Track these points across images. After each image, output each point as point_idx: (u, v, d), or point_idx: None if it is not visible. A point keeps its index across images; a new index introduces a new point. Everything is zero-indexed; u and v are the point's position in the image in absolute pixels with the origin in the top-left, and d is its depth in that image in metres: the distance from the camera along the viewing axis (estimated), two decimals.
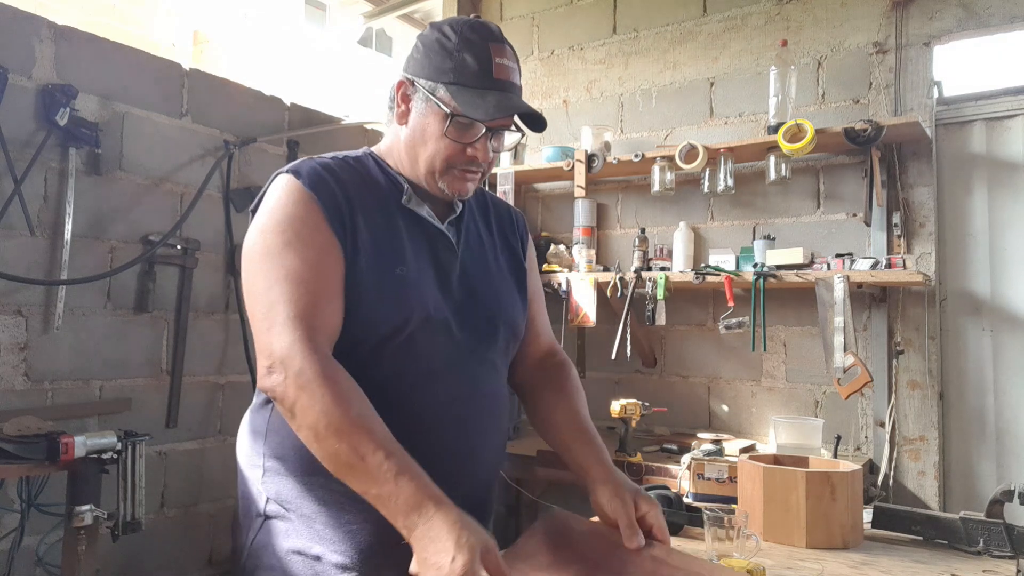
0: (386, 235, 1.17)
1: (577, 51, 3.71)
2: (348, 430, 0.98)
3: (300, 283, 1.07)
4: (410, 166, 1.22)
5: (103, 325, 2.53)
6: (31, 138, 2.33)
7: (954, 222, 2.89)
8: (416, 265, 1.17)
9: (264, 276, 1.09)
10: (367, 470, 0.97)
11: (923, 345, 2.81)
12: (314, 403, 1.00)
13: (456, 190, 1.20)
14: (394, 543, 1.07)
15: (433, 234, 1.23)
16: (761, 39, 3.21)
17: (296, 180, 1.14)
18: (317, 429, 1.00)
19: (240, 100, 2.97)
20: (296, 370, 1.02)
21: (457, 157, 1.17)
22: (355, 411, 1.00)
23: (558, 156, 3.38)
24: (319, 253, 1.10)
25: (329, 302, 1.09)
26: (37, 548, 2.30)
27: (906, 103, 2.88)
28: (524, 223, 1.45)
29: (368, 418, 1.01)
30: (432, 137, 1.17)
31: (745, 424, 3.16)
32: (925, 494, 2.79)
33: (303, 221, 1.11)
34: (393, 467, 0.96)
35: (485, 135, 1.17)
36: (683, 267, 3.12)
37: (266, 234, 1.11)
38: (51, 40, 2.41)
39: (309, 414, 1.01)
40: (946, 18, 2.83)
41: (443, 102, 1.14)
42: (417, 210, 1.22)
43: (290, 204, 1.12)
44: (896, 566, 1.37)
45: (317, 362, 1.02)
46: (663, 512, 1.57)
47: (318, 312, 1.07)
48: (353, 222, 1.14)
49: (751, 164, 3.11)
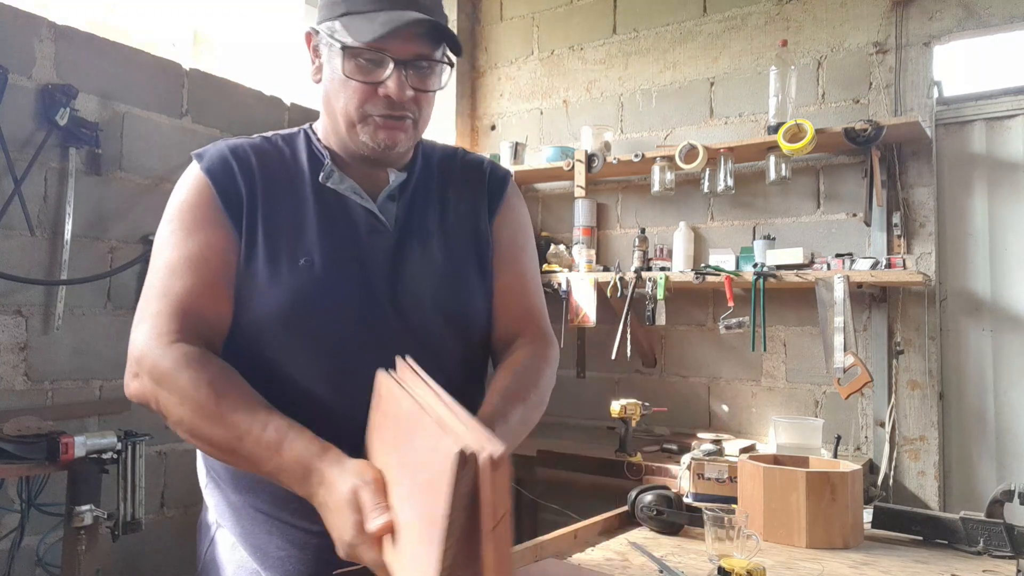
0: (292, 221, 1.05)
1: (577, 51, 3.71)
2: (217, 414, 0.89)
3: (172, 274, 0.98)
4: (333, 128, 1.09)
5: (103, 325, 2.53)
6: (31, 138, 2.33)
7: (954, 222, 2.90)
8: (329, 253, 1.04)
9: (150, 269, 1.02)
10: (249, 450, 0.87)
11: (923, 345, 2.81)
12: (174, 394, 0.91)
13: (385, 140, 1.03)
14: (326, 572, 0.96)
15: (358, 214, 1.08)
16: (761, 39, 3.21)
17: (196, 164, 1.06)
18: (185, 420, 0.92)
19: (240, 100, 2.97)
20: (150, 365, 0.94)
21: (371, 100, 1.02)
22: (220, 390, 0.91)
23: (558, 156, 3.38)
24: (203, 242, 1.00)
25: (207, 293, 0.99)
26: (37, 548, 2.30)
27: (906, 103, 2.88)
28: (503, 178, 1.22)
29: (236, 395, 0.91)
30: (339, 82, 1.03)
31: (745, 424, 3.16)
32: (925, 494, 2.79)
33: (192, 209, 1.03)
34: (272, 439, 0.86)
35: (396, 69, 1.00)
36: (683, 267, 3.12)
37: (161, 226, 1.05)
38: (51, 40, 2.41)
39: (173, 408, 0.92)
40: (946, 18, 2.83)
41: (338, 39, 1.01)
42: (339, 187, 1.07)
43: (183, 190, 1.05)
44: (896, 566, 1.37)
45: (174, 352, 0.93)
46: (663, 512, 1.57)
47: (190, 305, 0.97)
48: (252, 207, 1.04)
49: (751, 164, 3.11)
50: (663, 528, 1.58)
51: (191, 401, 0.90)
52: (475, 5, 4.03)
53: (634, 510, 1.64)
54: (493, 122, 3.97)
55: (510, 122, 3.91)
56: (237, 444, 0.88)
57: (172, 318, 0.96)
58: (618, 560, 1.41)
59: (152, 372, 0.94)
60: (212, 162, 1.06)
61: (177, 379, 0.91)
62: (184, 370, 0.91)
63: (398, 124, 1.04)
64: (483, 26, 4.03)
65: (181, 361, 0.92)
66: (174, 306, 0.97)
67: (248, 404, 0.90)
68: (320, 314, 1.02)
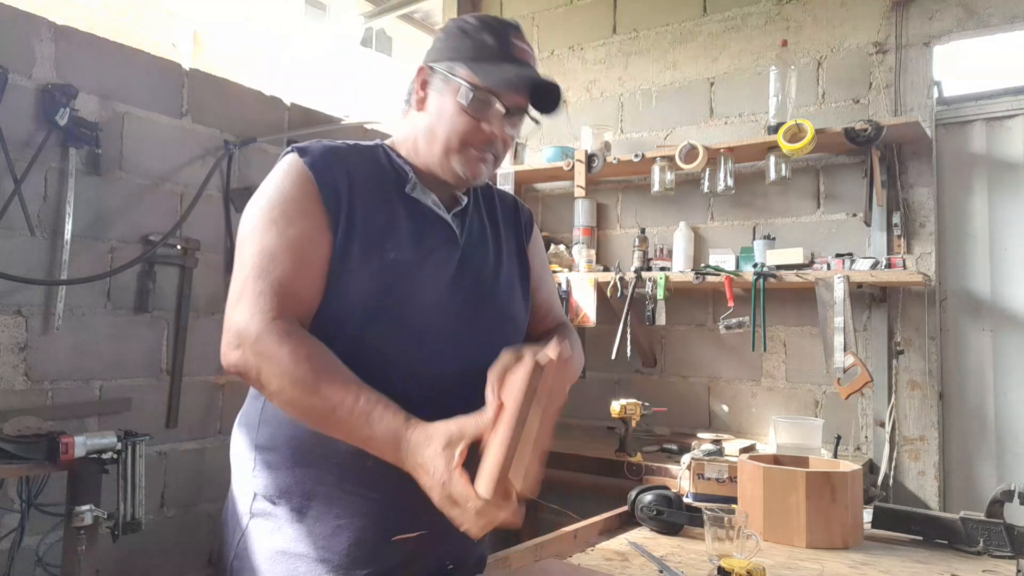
0: (384, 220, 1.16)
1: (577, 51, 3.71)
2: (314, 384, 0.99)
3: (272, 259, 1.07)
4: (426, 149, 1.21)
5: (103, 325, 2.53)
6: (31, 138, 2.33)
7: (954, 222, 2.90)
8: (414, 251, 1.16)
9: (242, 253, 1.09)
10: (341, 419, 0.98)
11: (923, 345, 2.81)
12: (275, 366, 1.00)
13: (470, 172, 1.19)
14: (383, 539, 1.09)
15: (436, 223, 1.22)
16: (761, 39, 3.21)
17: (299, 159, 1.14)
18: (284, 391, 1.01)
19: (240, 100, 2.97)
20: (253, 340, 1.02)
21: (474, 135, 1.17)
22: (317, 364, 1.00)
23: (558, 156, 3.39)
24: (302, 231, 1.09)
25: (303, 277, 1.08)
26: (37, 548, 2.30)
27: (906, 103, 2.88)
28: (529, 213, 1.44)
29: (331, 370, 1.01)
30: (449, 114, 1.17)
31: (745, 424, 3.16)
32: (925, 494, 2.79)
33: (294, 200, 1.11)
34: (364, 410, 0.97)
35: (505, 117, 1.17)
36: (683, 267, 3.12)
37: (256, 211, 1.12)
38: (51, 40, 2.41)
39: (273, 379, 1.01)
40: (946, 18, 2.83)
41: (462, 78, 1.16)
42: (422, 198, 1.21)
43: (286, 182, 1.13)
44: (896, 566, 1.38)
45: (275, 328, 1.02)
46: (663, 512, 1.57)
47: (288, 287, 1.06)
48: (351, 204, 1.13)
49: (751, 164, 3.11)
50: (663, 528, 1.59)
51: (291, 374, 0.99)
52: (475, 5, 4.03)
53: (634, 510, 1.64)
54: None
55: None
56: (331, 415, 0.98)
57: (272, 297, 1.04)
58: (618, 560, 1.41)
59: (255, 346, 1.01)
60: (315, 157, 1.14)
61: (278, 353, 1.00)
62: (285, 345, 1.00)
63: (488, 159, 1.20)
64: None
65: (283, 336, 1.01)
66: (274, 287, 1.05)
67: (343, 378, 1.00)
68: (405, 301, 1.12)
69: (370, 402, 0.97)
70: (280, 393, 1.02)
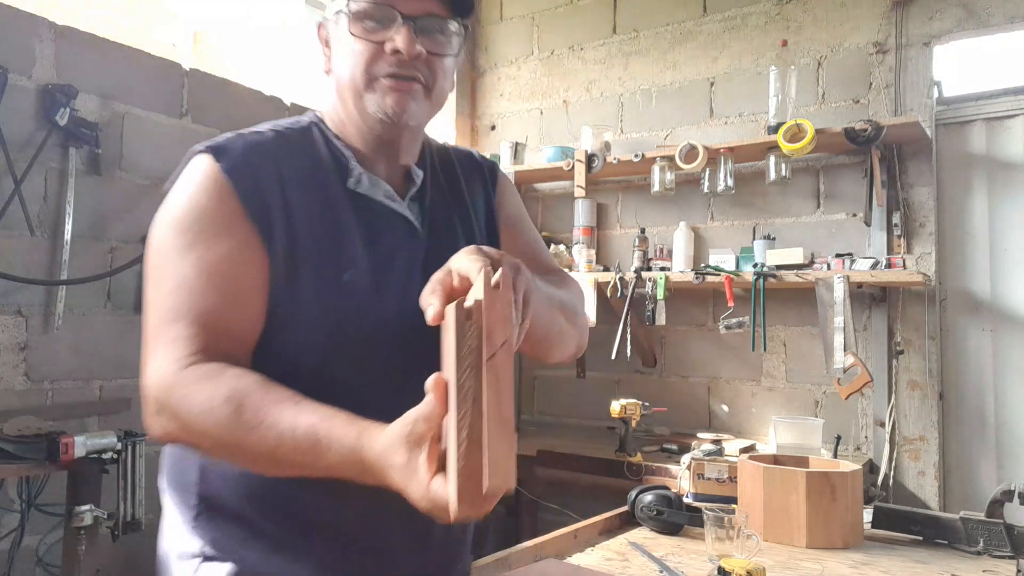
0: (330, 229, 0.96)
1: (577, 51, 3.71)
2: (241, 431, 0.80)
3: (190, 292, 0.88)
4: (344, 108, 1.02)
5: (103, 325, 2.53)
6: (31, 138, 2.33)
7: (954, 222, 2.90)
8: (371, 264, 0.97)
9: (151, 289, 0.91)
10: (288, 457, 0.78)
11: (923, 345, 2.81)
12: (196, 419, 0.82)
13: (391, 107, 0.96)
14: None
15: (391, 219, 1.01)
16: (761, 39, 3.21)
17: (214, 163, 0.94)
18: (218, 444, 0.83)
19: (240, 100, 2.97)
20: (167, 400, 0.84)
21: (377, 59, 0.95)
22: (242, 401, 0.81)
23: (558, 156, 3.38)
24: (225, 254, 0.90)
25: (232, 311, 0.90)
26: (37, 548, 2.30)
27: (906, 103, 2.88)
28: (493, 164, 1.21)
29: (257, 404, 0.80)
30: (347, 50, 0.97)
31: (745, 424, 3.16)
32: (925, 494, 2.79)
33: (212, 216, 0.91)
34: (309, 437, 0.77)
35: (405, 24, 0.95)
36: (683, 267, 3.12)
37: (166, 233, 0.92)
38: (51, 40, 2.41)
39: (202, 440, 0.84)
40: (946, 18, 2.83)
41: (344, 9, 0.97)
42: (370, 193, 1.01)
43: (200, 193, 0.93)
44: (896, 566, 1.38)
45: (187, 377, 0.84)
46: (663, 512, 1.57)
47: (213, 324, 0.88)
48: (287, 214, 0.94)
49: (751, 164, 3.11)
50: (663, 528, 1.59)
51: (215, 422, 0.81)
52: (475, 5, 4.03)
53: (634, 510, 1.64)
54: (493, 122, 3.97)
55: (510, 122, 3.91)
56: (275, 455, 0.79)
57: (190, 341, 0.86)
58: (618, 560, 1.41)
59: (172, 407, 0.84)
60: (235, 161, 0.94)
61: (196, 403, 0.82)
62: (202, 390, 0.82)
63: (407, 87, 0.96)
64: (483, 26, 4.03)
65: (198, 381, 0.83)
66: (193, 327, 0.87)
67: (271, 409, 0.80)
68: (370, 329, 0.96)
69: (313, 427, 0.77)
70: (215, 449, 0.84)
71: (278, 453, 0.78)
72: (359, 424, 0.75)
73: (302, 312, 0.93)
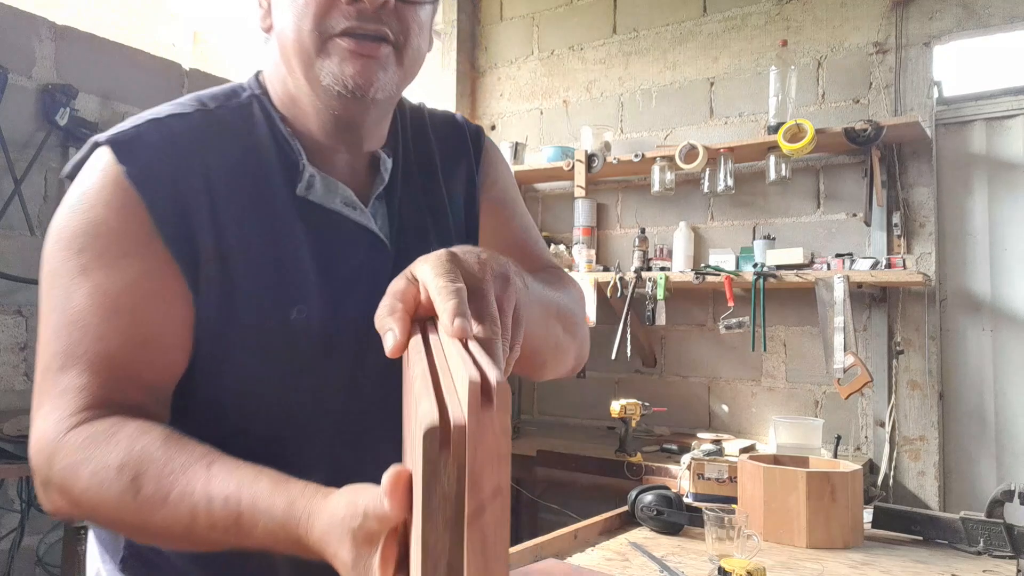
0: (275, 255, 0.76)
1: (577, 51, 3.71)
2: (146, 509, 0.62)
3: (83, 331, 0.68)
4: (292, 77, 0.80)
5: None
6: (31, 138, 2.33)
7: (954, 222, 2.90)
8: (327, 294, 0.77)
9: (44, 320, 0.71)
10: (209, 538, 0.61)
11: (923, 345, 2.81)
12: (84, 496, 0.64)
13: (352, 77, 0.73)
14: None
15: (352, 235, 0.80)
16: (761, 39, 3.21)
17: (116, 165, 0.72)
18: (126, 526, 0.66)
19: None
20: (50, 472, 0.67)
21: (332, 11, 0.72)
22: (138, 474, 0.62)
23: (558, 156, 3.38)
24: (131, 285, 0.70)
25: (142, 353, 0.70)
26: (37, 548, 2.30)
27: (906, 103, 2.88)
28: (477, 130, 0.97)
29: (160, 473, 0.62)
30: (292, 4, 0.74)
31: (745, 424, 3.16)
32: (925, 494, 2.79)
33: (114, 233, 0.70)
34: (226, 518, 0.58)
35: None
36: (683, 267, 3.12)
37: (58, 248, 0.71)
38: (51, 40, 2.41)
39: (100, 517, 0.67)
40: (946, 18, 2.83)
41: None
42: (325, 202, 0.79)
43: (98, 204, 0.71)
44: (896, 566, 1.38)
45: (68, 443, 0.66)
46: (664, 512, 1.57)
47: (113, 370, 0.69)
48: (216, 236, 0.73)
49: (751, 164, 3.11)
50: (663, 528, 1.58)
51: (107, 502, 0.63)
52: (475, 5, 4.03)
53: (634, 510, 1.64)
54: (493, 122, 3.97)
55: (510, 122, 3.91)
56: (191, 537, 0.61)
57: (81, 394, 0.67)
58: (618, 560, 1.41)
59: (56, 481, 0.66)
60: (144, 165, 0.72)
61: (77, 480, 0.64)
62: (84, 461, 0.64)
63: (372, 49, 0.73)
64: (483, 26, 4.03)
65: (78, 449, 0.65)
66: (85, 378, 0.68)
67: (177, 478, 0.61)
68: (322, 378, 0.78)
69: (232, 498, 0.58)
70: (117, 528, 0.69)
71: (194, 534, 0.60)
72: (288, 490, 0.56)
73: (237, 358, 0.74)
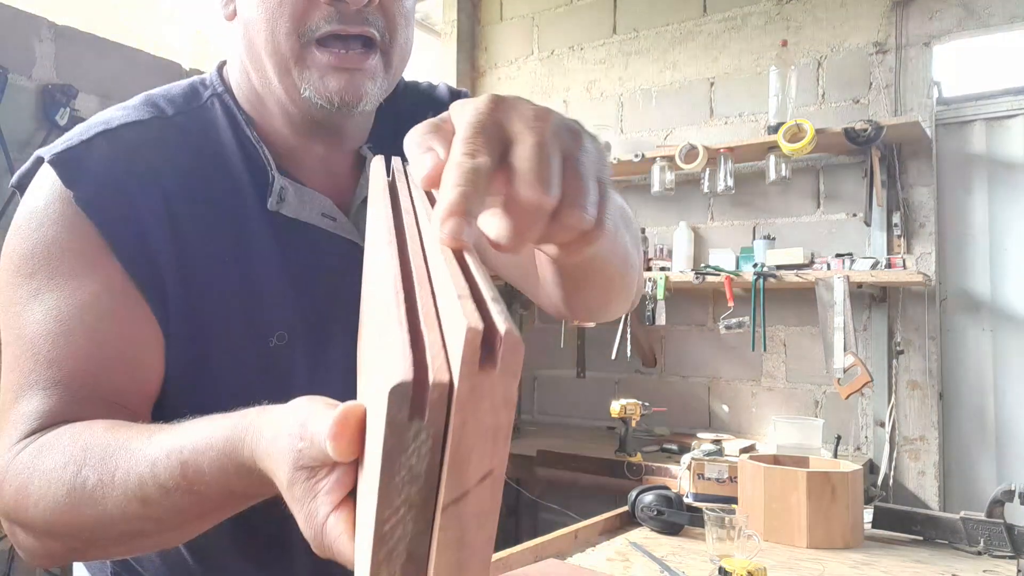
0: (248, 275, 0.69)
1: (577, 51, 3.71)
2: (96, 492, 0.54)
3: (37, 362, 0.63)
4: (262, 82, 0.72)
5: None
6: (31, 138, 2.33)
7: (954, 222, 2.90)
8: (308, 320, 0.71)
9: (4, 351, 0.66)
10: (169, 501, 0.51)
11: (923, 345, 2.81)
12: (45, 508, 0.56)
13: (338, 92, 0.66)
14: None
15: (333, 248, 0.73)
16: (761, 39, 3.21)
17: (63, 189, 0.64)
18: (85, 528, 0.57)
19: None
20: (9, 496, 0.59)
21: (312, 11, 0.65)
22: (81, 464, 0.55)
23: None
24: (89, 305, 0.63)
25: (107, 376, 0.64)
26: None
27: (906, 103, 2.88)
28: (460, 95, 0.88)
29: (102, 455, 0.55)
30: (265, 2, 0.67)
31: (745, 424, 3.16)
32: (925, 494, 2.79)
33: (67, 253, 0.64)
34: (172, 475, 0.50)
35: None
36: (683, 267, 3.12)
37: (9, 269, 0.66)
38: (51, 40, 2.41)
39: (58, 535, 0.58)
40: (946, 18, 2.83)
41: None
42: (300, 215, 0.72)
43: (48, 224, 0.64)
44: (896, 566, 1.38)
45: (14, 466, 0.59)
46: (664, 512, 1.57)
47: (76, 394, 0.62)
48: (179, 259, 0.66)
49: (751, 164, 3.11)
50: (663, 528, 1.58)
51: (61, 505, 0.55)
52: (475, 5, 4.03)
53: (634, 510, 1.64)
54: None
55: None
56: (148, 510, 0.53)
57: (34, 417, 0.62)
58: (619, 560, 1.41)
59: (9, 510, 0.60)
60: (91, 185, 0.64)
61: (28, 496, 0.57)
62: (34, 474, 0.57)
63: (358, 61, 0.66)
64: (483, 26, 4.03)
65: (27, 466, 0.58)
66: (36, 403, 0.62)
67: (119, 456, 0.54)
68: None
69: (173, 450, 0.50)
70: (75, 537, 0.58)
71: (152, 508, 0.52)
72: (228, 417, 0.48)
73: (214, 382, 0.68)
